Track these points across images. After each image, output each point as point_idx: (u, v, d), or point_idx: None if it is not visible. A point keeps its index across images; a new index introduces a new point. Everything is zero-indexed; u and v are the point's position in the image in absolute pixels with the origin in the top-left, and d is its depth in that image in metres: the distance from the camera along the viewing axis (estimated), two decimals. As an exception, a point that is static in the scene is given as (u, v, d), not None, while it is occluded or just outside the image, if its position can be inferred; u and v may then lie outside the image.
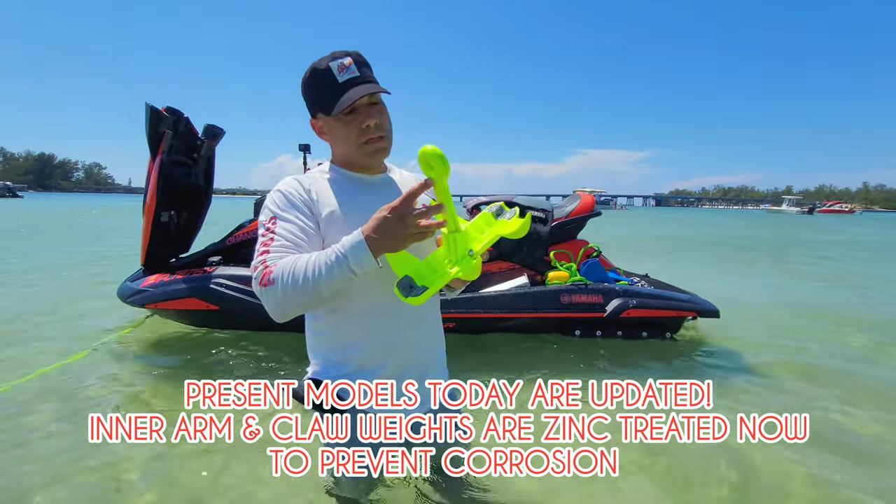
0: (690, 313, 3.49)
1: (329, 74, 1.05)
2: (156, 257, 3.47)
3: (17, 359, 3.04)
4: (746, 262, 9.09)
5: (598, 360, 3.20)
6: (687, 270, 7.46)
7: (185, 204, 3.59)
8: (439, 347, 1.30)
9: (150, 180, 3.23)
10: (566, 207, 3.81)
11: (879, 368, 3.19)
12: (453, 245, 1.00)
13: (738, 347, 3.53)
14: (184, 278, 3.31)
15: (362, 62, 1.08)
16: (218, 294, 3.26)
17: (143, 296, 3.27)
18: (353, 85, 1.05)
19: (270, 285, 0.97)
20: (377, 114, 1.08)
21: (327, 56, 1.07)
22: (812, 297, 5.59)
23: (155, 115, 3.16)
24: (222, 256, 3.67)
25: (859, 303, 5.33)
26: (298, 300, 0.97)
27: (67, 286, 5.37)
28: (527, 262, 3.74)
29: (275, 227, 1.05)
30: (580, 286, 3.45)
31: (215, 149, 3.64)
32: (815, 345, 3.67)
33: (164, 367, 2.95)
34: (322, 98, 1.07)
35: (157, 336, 3.51)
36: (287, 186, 1.10)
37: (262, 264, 1.00)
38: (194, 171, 3.56)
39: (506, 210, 1.11)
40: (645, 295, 3.44)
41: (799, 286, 6.39)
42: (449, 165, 0.93)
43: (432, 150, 0.91)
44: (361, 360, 1.16)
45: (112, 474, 1.84)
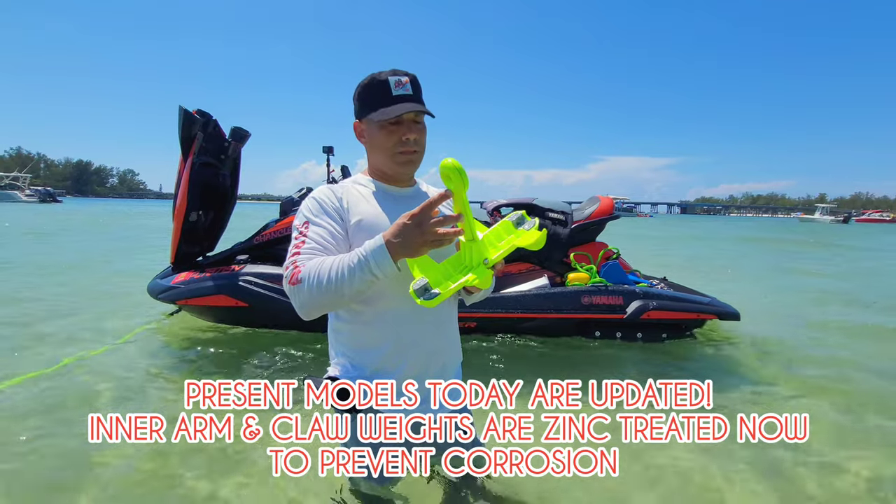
0: (711, 316, 3.45)
1: (386, 86, 1.15)
2: (184, 256, 3.58)
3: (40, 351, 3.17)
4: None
5: (599, 360, 3.20)
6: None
7: (213, 204, 3.69)
8: (456, 352, 1.34)
9: (182, 180, 3.35)
10: (585, 210, 3.80)
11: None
12: (469, 253, 1.04)
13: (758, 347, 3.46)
14: (213, 275, 3.39)
15: (417, 84, 1.18)
16: (248, 291, 3.33)
17: (174, 292, 3.37)
18: (404, 100, 1.15)
19: (298, 284, 1.04)
20: (417, 131, 1.17)
21: (388, 71, 1.17)
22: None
23: (188, 117, 3.29)
24: (249, 255, 3.77)
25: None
26: (322, 299, 1.03)
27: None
28: (547, 264, 3.74)
29: (307, 230, 1.13)
30: (601, 287, 3.44)
31: (241, 150, 3.75)
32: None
33: (180, 364, 3.03)
34: (373, 104, 1.16)
35: (186, 331, 3.63)
36: (321, 194, 1.18)
37: (292, 265, 1.07)
38: (222, 171, 3.67)
39: (527, 220, 1.13)
40: (665, 297, 3.41)
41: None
42: (467, 178, 0.99)
43: (452, 163, 0.97)
44: (380, 362, 1.20)
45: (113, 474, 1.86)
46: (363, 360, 1.21)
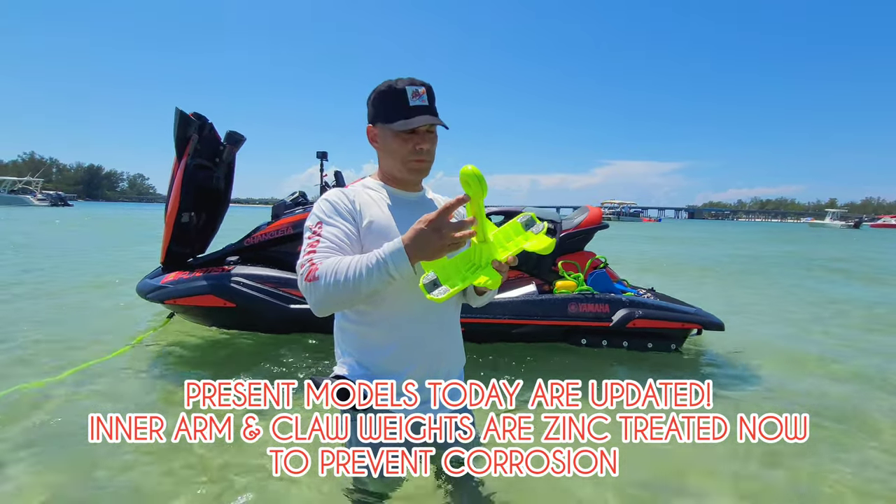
0: (696, 325, 3.46)
1: (403, 95, 1.17)
2: (174, 256, 3.61)
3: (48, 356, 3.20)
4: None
5: (599, 361, 3.21)
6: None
7: (206, 206, 3.74)
8: (460, 354, 1.36)
9: (175, 181, 3.39)
10: (574, 219, 3.82)
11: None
12: (479, 254, 1.08)
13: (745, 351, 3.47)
14: (203, 275, 3.42)
15: (432, 95, 1.22)
16: (236, 291, 3.36)
17: (163, 292, 3.39)
18: (420, 111, 1.18)
19: (315, 281, 1.06)
20: (430, 141, 1.21)
21: (405, 79, 1.19)
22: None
23: (183, 118, 3.34)
24: (240, 257, 3.80)
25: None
26: (339, 297, 1.05)
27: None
28: (535, 271, 3.76)
29: (321, 230, 1.15)
30: (588, 295, 3.45)
31: (236, 154, 3.79)
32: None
33: (180, 364, 3.06)
34: (389, 113, 1.19)
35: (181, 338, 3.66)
36: (334, 196, 1.21)
37: (308, 262, 1.09)
38: (216, 174, 3.71)
39: (536, 222, 1.16)
40: (651, 306, 3.42)
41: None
42: (486, 185, 1.02)
43: (472, 170, 1.01)
44: (386, 362, 1.22)
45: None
46: (369, 359, 1.23)
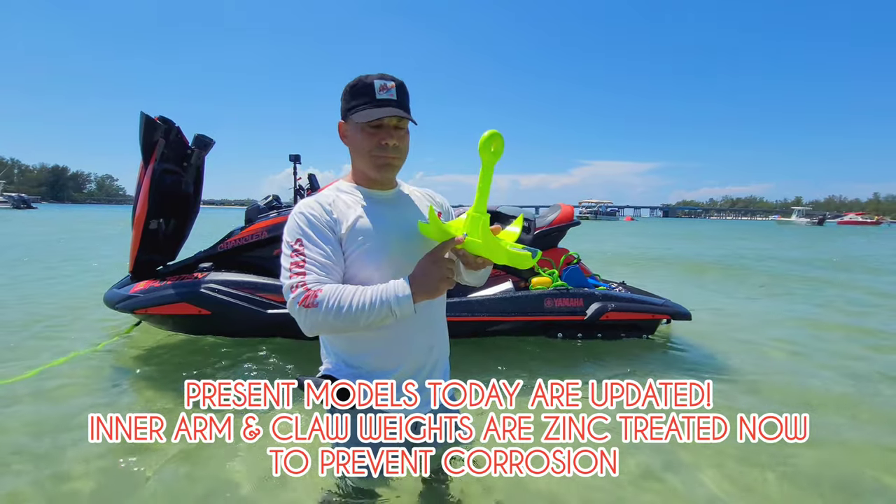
0: (664, 316, 3.62)
1: (370, 88, 1.14)
2: (144, 264, 3.49)
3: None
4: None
5: (599, 360, 3.27)
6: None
7: (174, 212, 3.63)
8: (446, 347, 1.36)
9: (142, 187, 3.28)
10: (547, 217, 3.90)
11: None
12: (475, 225, 1.07)
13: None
14: (174, 283, 3.32)
15: (403, 91, 1.18)
16: (210, 298, 3.27)
17: (132, 301, 3.27)
18: (387, 104, 1.14)
19: (313, 308, 1.04)
20: (398, 137, 1.18)
21: (375, 74, 1.17)
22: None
23: (149, 123, 3.22)
24: (213, 263, 3.72)
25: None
26: (336, 324, 1.06)
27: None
28: (511, 268, 3.80)
29: (303, 249, 1.11)
30: (563, 291, 3.52)
31: (205, 158, 3.69)
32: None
33: (165, 370, 3.00)
34: (356, 105, 1.16)
35: (154, 342, 3.58)
36: (310, 210, 1.16)
37: (301, 286, 1.06)
38: (185, 179, 3.61)
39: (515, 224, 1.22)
40: (623, 299, 3.52)
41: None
42: (502, 149, 1.06)
43: (493, 133, 1.04)
44: (374, 360, 1.22)
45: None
46: (356, 359, 1.22)
